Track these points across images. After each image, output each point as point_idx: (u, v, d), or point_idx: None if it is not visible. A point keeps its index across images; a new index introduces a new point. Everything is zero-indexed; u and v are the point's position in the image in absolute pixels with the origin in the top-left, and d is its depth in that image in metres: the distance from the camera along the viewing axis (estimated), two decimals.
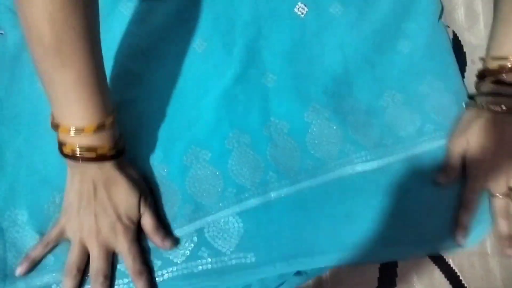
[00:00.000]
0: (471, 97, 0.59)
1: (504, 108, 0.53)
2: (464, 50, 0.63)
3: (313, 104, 0.58)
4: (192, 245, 0.53)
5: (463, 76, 0.61)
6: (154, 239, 0.51)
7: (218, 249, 0.53)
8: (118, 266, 0.52)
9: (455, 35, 0.64)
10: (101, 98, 0.47)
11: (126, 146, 0.52)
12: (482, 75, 0.58)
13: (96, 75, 0.46)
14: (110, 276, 0.50)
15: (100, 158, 0.48)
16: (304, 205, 0.54)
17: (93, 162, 0.48)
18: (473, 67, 0.62)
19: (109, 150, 0.49)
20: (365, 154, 0.56)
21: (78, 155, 0.47)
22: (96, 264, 0.49)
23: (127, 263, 0.50)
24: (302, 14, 0.61)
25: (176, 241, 0.52)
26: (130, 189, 0.50)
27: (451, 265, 0.53)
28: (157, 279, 0.52)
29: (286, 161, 0.55)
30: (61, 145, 0.48)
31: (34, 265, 0.50)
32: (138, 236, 0.52)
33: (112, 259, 0.51)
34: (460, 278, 0.53)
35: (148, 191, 0.53)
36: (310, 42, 0.60)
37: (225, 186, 0.54)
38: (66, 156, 0.48)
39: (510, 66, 0.55)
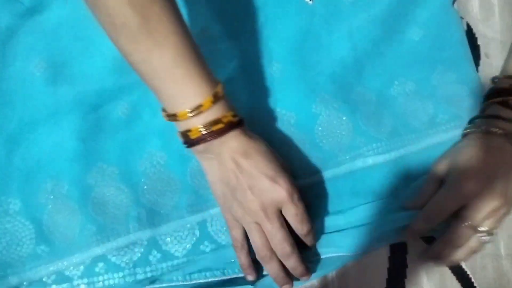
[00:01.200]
0: (470, 121, 0.55)
1: (501, 131, 0.49)
2: (478, 43, 0.61)
3: (322, 94, 0.55)
4: (194, 238, 0.51)
5: (476, 70, 0.59)
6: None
7: (222, 244, 0.51)
8: (113, 259, 0.50)
9: (469, 26, 0.61)
10: (205, 68, 0.44)
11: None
12: (489, 96, 0.54)
13: (192, 45, 0.44)
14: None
15: (229, 126, 0.44)
16: (313, 200, 0.52)
17: (224, 134, 0.44)
18: (487, 60, 0.59)
19: (233, 116, 0.45)
20: (376, 147, 0.53)
21: (207, 132, 0.44)
22: (277, 237, 0.45)
23: (295, 208, 0.45)
24: (310, 0, 0.58)
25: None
26: (271, 153, 0.47)
27: (463, 267, 0.51)
28: (155, 272, 0.50)
29: (294, 154, 0.53)
30: (186, 136, 0.45)
31: (255, 269, 0.49)
32: None
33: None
34: (472, 280, 0.51)
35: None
36: (318, 29, 0.58)
37: None
38: (195, 143, 0.44)
39: None
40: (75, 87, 0.54)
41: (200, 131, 0.44)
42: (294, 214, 0.45)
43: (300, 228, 0.46)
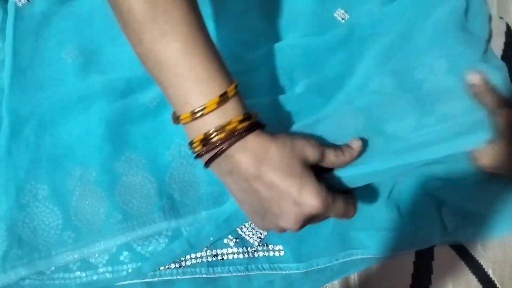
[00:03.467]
0: None
1: None
2: None
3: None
4: None
5: None
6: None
7: (245, 239, 0.51)
8: (138, 249, 0.50)
9: (508, 27, 0.59)
10: (216, 64, 0.39)
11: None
12: None
13: (203, 37, 0.39)
14: None
15: (232, 134, 0.38)
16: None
17: (229, 145, 0.38)
18: None
19: (240, 122, 0.39)
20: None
21: (211, 143, 0.39)
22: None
23: (335, 210, 0.41)
24: (342, 20, 0.57)
25: None
26: (287, 157, 0.40)
27: (491, 276, 0.50)
28: (177, 264, 0.50)
29: None
30: (193, 147, 0.40)
31: None
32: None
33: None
34: None
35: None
36: (350, 49, 0.55)
37: None
38: (201, 154, 0.40)
39: None
40: (105, 75, 0.54)
41: (205, 142, 0.39)
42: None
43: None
